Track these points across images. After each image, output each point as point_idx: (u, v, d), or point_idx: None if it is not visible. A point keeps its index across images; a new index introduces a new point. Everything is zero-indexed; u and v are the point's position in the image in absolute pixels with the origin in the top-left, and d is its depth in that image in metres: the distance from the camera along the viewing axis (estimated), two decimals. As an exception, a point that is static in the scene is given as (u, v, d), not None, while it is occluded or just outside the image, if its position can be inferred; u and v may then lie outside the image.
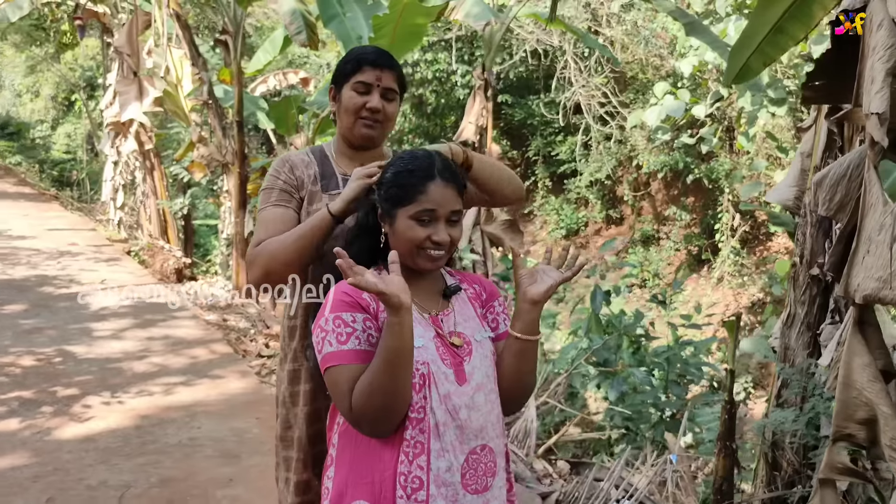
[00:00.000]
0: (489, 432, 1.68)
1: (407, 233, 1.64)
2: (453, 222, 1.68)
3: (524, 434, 4.78)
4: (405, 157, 1.72)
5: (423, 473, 1.59)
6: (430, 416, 1.60)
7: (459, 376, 1.65)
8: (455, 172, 1.71)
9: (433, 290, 1.76)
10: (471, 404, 1.64)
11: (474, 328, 1.75)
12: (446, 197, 1.65)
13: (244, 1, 8.23)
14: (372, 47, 2.12)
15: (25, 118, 24.77)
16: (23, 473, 3.93)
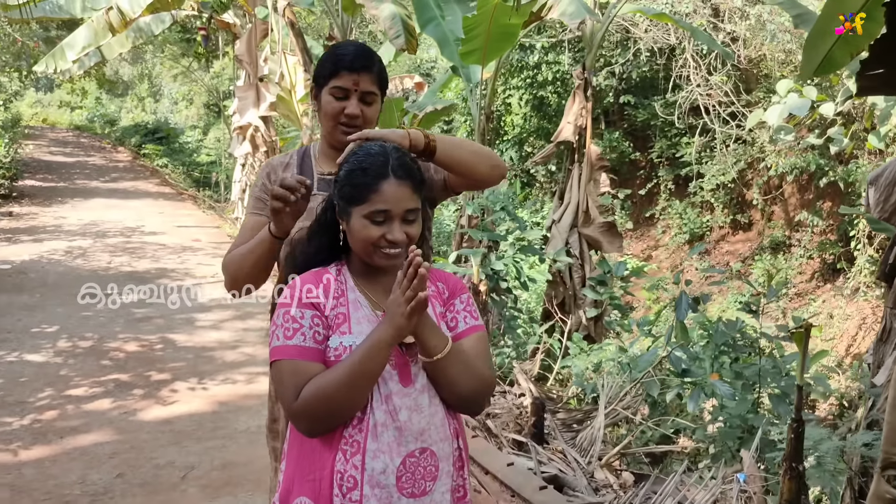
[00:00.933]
0: (432, 435, 1.65)
1: (361, 232, 1.63)
2: (409, 220, 1.65)
3: (589, 442, 4.64)
4: (359, 154, 1.69)
5: (357, 473, 1.58)
6: (369, 416, 1.60)
7: (404, 377, 1.63)
8: (410, 168, 1.67)
9: (393, 285, 1.75)
10: (413, 406, 1.62)
11: None
12: (400, 196, 1.63)
13: (350, 7, 8.49)
14: (352, 45, 2.08)
15: (180, 124, 26.78)
16: (103, 449, 4.24)
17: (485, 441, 4.28)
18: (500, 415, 4.78)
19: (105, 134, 23.49)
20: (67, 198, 13.56)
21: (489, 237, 7.18)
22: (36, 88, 34.60)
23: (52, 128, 26.30)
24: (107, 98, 30.71)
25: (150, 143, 19.33)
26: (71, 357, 5.80)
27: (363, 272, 1.72)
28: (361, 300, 1.68)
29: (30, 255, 9.12)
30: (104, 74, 24.07)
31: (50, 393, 5.07)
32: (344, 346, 1.61)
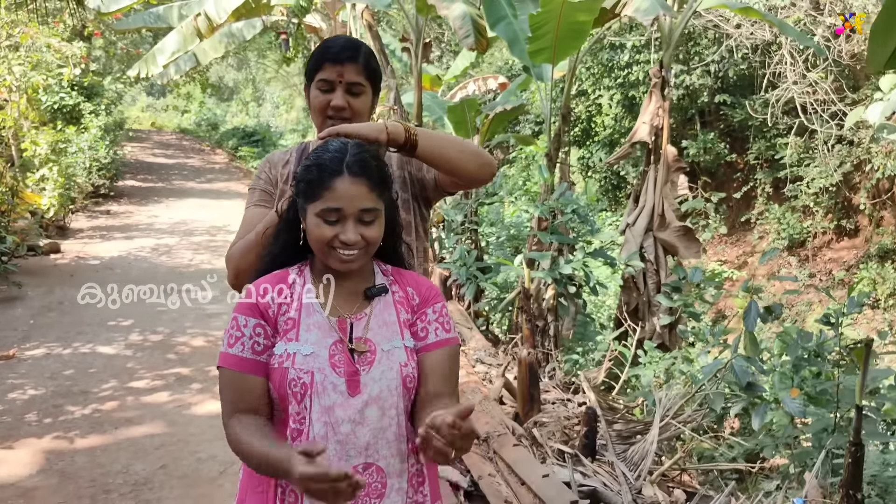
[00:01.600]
0: (381, 451, 1.55)
1: (315, 231, 1.56)
2: (367, 222, 1.56)
3: (640, 455, 4.41)
4: (319, 149, 1.62)
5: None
6: (308, 429, 1.52)
7: (352, 387, 1.54)
8: (368, 166, 1.57)
9: (358, 289, 1.64)
10: (357, 418, 1.53)
11: (386, 335, 1.61)
12: (354, 194, 1.54)
13: (424, 8, 8.47)
14: (340, 39, 2.04)
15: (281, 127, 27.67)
16: (152, 441, 4.35)
17: (525, 450, 4.12)
18: (548, 424, 4.62)
19: (206, 137, 24.52)
20: (163, 197, 14.19)
21: (558, 240, 7.01)
22: (148, 93, 36.60)
23: (158, 131, 27.69)
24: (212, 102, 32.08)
25: (246, 146, 20.02)
26: (140, 350, 6.02)
27: (323, 273, 1.64)
28: (315, 305, 1.60)
29: (119, 252, 9.56)
30: (207, 79, 25.15)
31: (113, 384, 5.26)
32: (289, 353, 1.54)
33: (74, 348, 6.02)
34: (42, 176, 9.91)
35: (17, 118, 9.80)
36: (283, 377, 1.52)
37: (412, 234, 2.17)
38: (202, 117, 27.40)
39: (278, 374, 1.53)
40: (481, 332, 7.89)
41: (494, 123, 8.23)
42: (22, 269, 8.03)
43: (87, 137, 11.57)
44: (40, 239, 9.30)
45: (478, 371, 6.40)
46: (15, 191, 8.77)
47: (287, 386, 1.51)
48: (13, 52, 9.63)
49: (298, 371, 1.51)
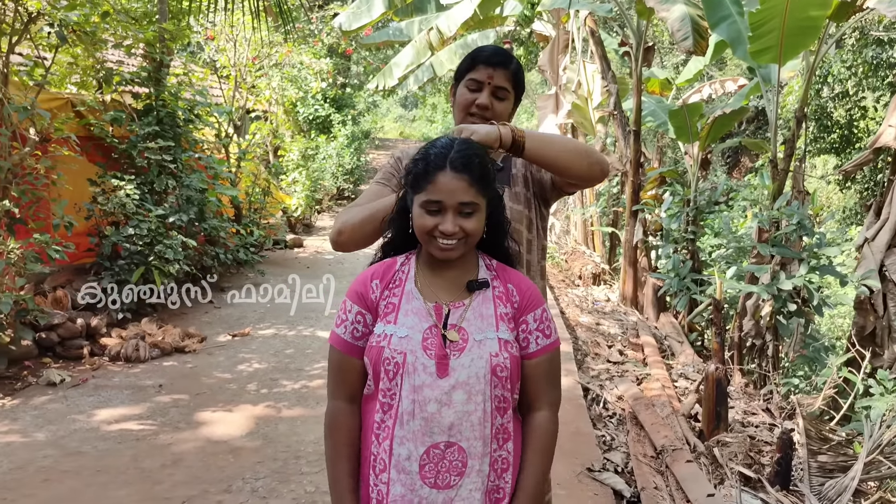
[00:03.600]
0: (464, 432, 1.64)
1: (418, 220, 1.69)
2: (466, 214, 1.66)
3: (837, 492, 3.99)
4: (429, 144, 1.75)
5: (386, 457, 1.66)
6: (398, 404, 1.65)
7: (441, 369, 1.64)
8: (470, 162, 1.67)
9: (460, 280, 1.75)
10: (444, 399, 1.63)
11: (481, 327, 1.70)
12: (454, 188, 1.65)
13: (645, 12, 8.29)
14: (492, 47, 2.15)
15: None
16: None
17: (696, 468, 3.92)
18: (731, 444, 4.33)
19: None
20: (399, 200, 15.21)
21: (779, 253, 6.51)
22: (402, 105, 39.28)
23: (404, 140, 29.57)
24: (457, 113, 33.59)
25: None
26: (352, 337, 6.56)
27: (427, 263, 1.76)
28: (415, 292, 1.72)
29: (350, 249, 10.44)
30: (451, 91, 26.44)
31: (323, 365, 5.80)
32: (386, 333, 1.67)
33: (298, 331, 6.72)
34: (293, 179, 11.12)
35: (275, 127, 11.10)
36: (378, 355, 1.66)
37: (533, 230, 2.23)
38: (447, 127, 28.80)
39: (375, 351, 1.66)
40: (694, 346, 7.54)
41: (715, 128, 7.81)
42: (268, 260, 9.09)
43: (335, 145, 12.75)
44: (287, 235, 10.45)
45: (677, 386, 6.14)
46: (267, 192, 9.96)
47: (381, 363, 1.65)
48: (274, 70, 10.95)
49: (393, 351, 1.64)
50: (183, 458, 4.13)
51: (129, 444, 4.30)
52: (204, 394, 5.18)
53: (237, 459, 4.13)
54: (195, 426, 4.61)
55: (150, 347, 5.92)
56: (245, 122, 10.00)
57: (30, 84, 5.89)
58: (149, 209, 6.66)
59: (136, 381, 5.39)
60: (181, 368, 5.72)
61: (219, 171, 8.04)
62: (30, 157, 5.67)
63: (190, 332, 6.38)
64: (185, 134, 7.49)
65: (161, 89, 7.24)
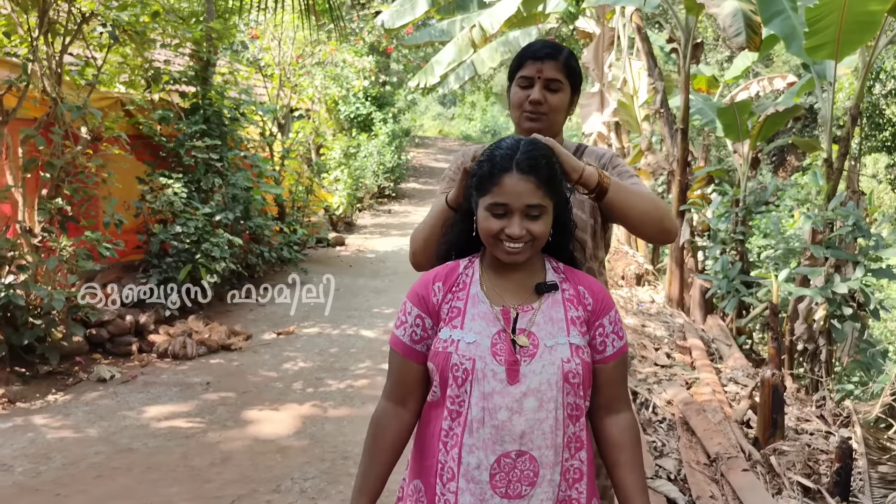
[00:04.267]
0: (535, 441, 1.58)
1: (483, 223, 1.64)
2: (533, 217, 1.61)
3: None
4: (494, 144, 1.70)
5: (454, 465, 1.60)
6: (467, 411, 1.60)
7: (511, 375, 1.59)
8: (537, 164, 1.62)
9: (527, 283, 1.70)
10: (515, 407, 1.58)
11: (552, 331, 1.64)
12: (521, 190, 1.60)
13: (694, 7, 8.12)
14: (541, 41, 2.10)
15: (559, 133, 28.07)
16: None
17: (754, 477, 3.80)
18: (789, 453, 4.20)
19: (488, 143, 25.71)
20: (439, 199, 15.18)
21: (833, 255, 6.32)
22: (441, 103, 39.30)
23: (443, 138, 29.59)
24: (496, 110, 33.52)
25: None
26: (395, 336, 6.53)
27: (492, 266, 1.71)
28: (481, 296, 1.67)
29: (392, 247, 10.45)
30: (491, 88, 26.36)
31: (367, 364, 5.79)
32: (453, 339, 1.61)
33: (342, 329, 6.73)
34: (335, 177, 11.15)
35: (318, 126, 11.15)
36: (446, 361, 1.60)
37: (597, 240, 2.17)
38: (486, 125, 28.78)
39: (441, 357, 1.61)
40: (743, 350, 7.36)
41: (767, 126, 7.61)
42: (311, 258, 9.13)
43: (376, 143, 12.77)
44: (329, 233, 10.49)
45: (727, 391, 5.99)
46: (310, 190, 10.01)
47: (449, 370, 1.59)
48: (317, 68, 11.00)
49: (461, 357, 1.58)
50: (231, 456, 4.14)
51: (178, 441, 4.33)
52: (250, 392, 5.20)
53: (285, 459, 4.13)
54: (243, 425, 4.62)
55: (197, 345, 5.97)
56: (289, 120, 10.07)
57: (81, 83, 5.98)
58: (196, 207, 6.72)
59: (184, 379, 5.43)
60: (227, 366, 5.75)
61: (263, 169, 8.09)
62: (82, 156, 5.75)
63: (235, 329, 6.42)
64: (231, 132, 7.55)
65: (208, 88, 7.31)
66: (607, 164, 2.16)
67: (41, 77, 5.42)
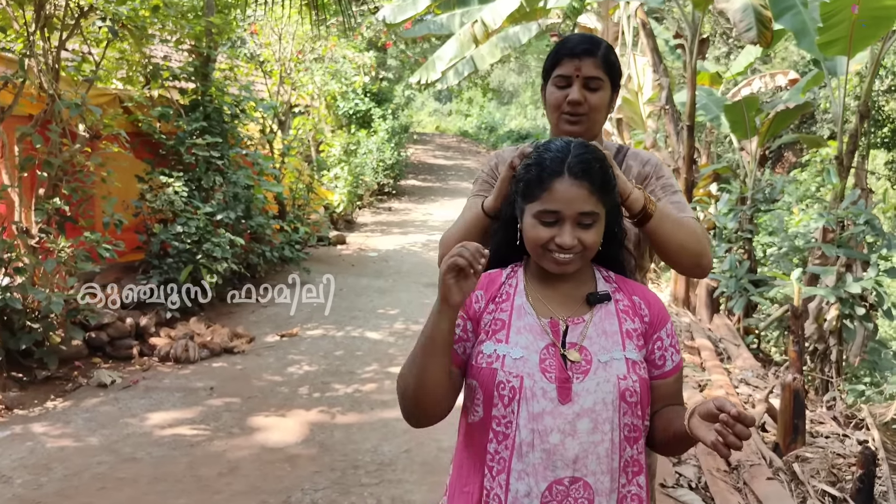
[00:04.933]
0: (590, 466, 1.45)
1: (530, 232, 1.51)
2: (585, 225, 1.49)
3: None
4: (541, 147, 1.57)
5: (501, 493, 1.47)
6: (515, 434, 1.46)
7: (563, 394, 1.45)
8: (590, 168, 1.49)
9: (576, 293, 1.57)
10: (568, 429, 1.44)
11: (606, 345, 1.51)
12: (574, 197, 1.47)
13: (701, 3, 8.00)
14: (577, 36, 1.95)
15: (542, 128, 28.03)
16: (400, 425, 4.56)
17: (780, 486, 3.69)
18: (812, 460, 4.09)
19: (483, 140, 25.59)
20: (439, 196, 15.06)
21: (846, 254, 6.22)
22: (436, 99, 39.13)
23: (441, 134, 29.44)
24: (493, 106, 33.39)
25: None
26: (401, 338, 6.41)
27: (538, 276, 1.58)
28: (527, 307, 1.54)
29: (394, 246, 10.32)
30: (488, 84, 26.24)
31: (374, 367, 5.66)
32: (498, 354, 1.48)
33: (346, 331, 6.59)
34: (335, 175, 11.00)
35: (317, 122, 10.99)
36: (491, 378, 1.47)
37: (640, 250, 2.05)
38: (482, 121, 28.63)
39: (487, 374, 1.48)
40: (751, 350, 7.26)
41: (776, 123, 7.51)
42: (312, 257, 8.99)
43: (376, 140, 12.62)
44: (330, 231, 10.35)
45: (740, 393, 5.89)
46: (311, 187, 9.86)
47: (495, 388, 1.46)
48: (317, 64, 10.84)
49: (507, 374, 1.46)
50: (239, 465, 4.01)
51: (183, 450, 4.19)
52: (256, 397, 5.06)
53: (294, 468, 4.00)
54: (249, 432, 4.49)
55: (199, 348, 5.83)
56: (288, 117, 9.92)
57: (79, 80, 5.82)
58: (197, 206, 6.57)
59: (187, 383, 5.30)
60: (231, 370, 5.62)
61: (264, 167, 7.95)
62: (80, 154, 5.60)
63: (238, 332, 6.29)
64: (232, 129, 7.40)
65: (208, 84, 7.15)
66: (651, 172, 2.03)
67: (38, 73, 5.27)
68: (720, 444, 1.30)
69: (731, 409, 1.31)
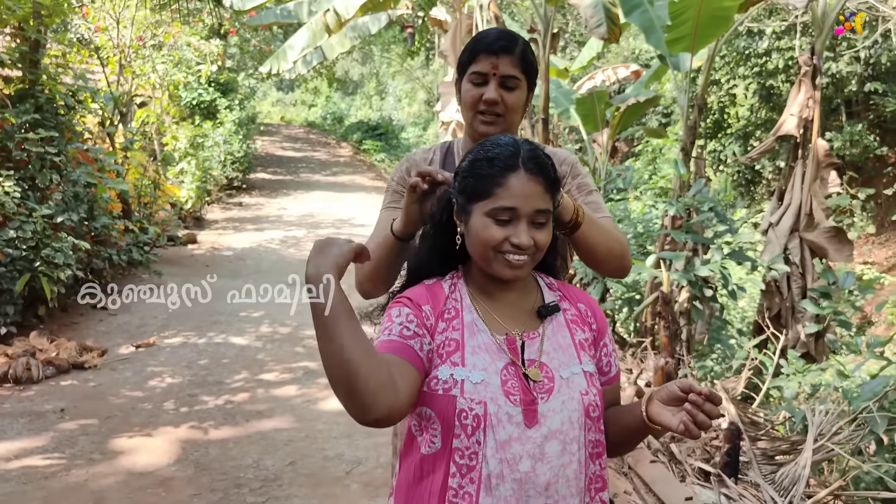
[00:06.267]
0: (560, 490, 1.36)
1: (482, 233, 1.38)
2: (539, 224, 1.39)
3: (791, 480, 4.04)
4: (486, 143, 1.45)
5: None
6: (481, 465, 1.34)
7: (529, 417, 1.35)
8: (543, 164, 1.41)
9: (523, 305, 1.47)
10: (537, 454, 1.34)
11: (563, 360, 1.43)
12: (530, 192, 1.37)
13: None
14: (495, 30, 1.87)
15: (402, 121, 28.01)
16: (280, 436, 4.38)
17: (664, 468, 3.85)
18: (687, 439, 4.30)
19: (331, 130, 25.16)
20: (291, 190, 14.60)
21: (694, 240, 6.61)
22: (278, 88, 37.99)
23: (287, 125, 28.62)
24: (338, 96, 32.87)
25: (370, 139, 20.33)
26: (269, 342, 6.13)
27: (482, 285, 1.47)
28: (479, 323, 1.42)
29: (250, 243, 9.87)
30: (334, 74, 25.75)
31: (245, 376, 5.37)
32: (456, 379, 1.35)
33: (209, 338, 6.21)
34: (182, 169, 10.35)
35: (160, 114, 10.29)
36: (450, 407, 1.34)
37: (566, 251, 2.01)
38: (328, 111, 28.11)
39: (444, 402, 1.35)
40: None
41: (626, 116, 7.86)
42: (162, 258, 8.41)
43: (223, 132, 12.03)
44: (179, 230, 9.74)
45: (604, 376, 6.13)
46: (157, 183, 9.22)
47: (456, 417, 1.34)
48: (157, 52, 10.13)
49: (469, 401, 1.33)
50: (105, 496, 3.65)
51: (37, 483, 3.76)
52: (115, 417, 4.64)
53: (169, 493, 3.70)
54: (112, 456, 4.10)
55: (42, 365, 5.27)
56: (131, 109, 9.19)
57: None
58: (32, 208, 5.92)
59: (33, 407, 4.76)
60: (83, 388, 5.12)
61: (106, 163, 7.31)
62: None
63: (87, 344, 5.75)
64: (68, 123, 6.73)
65: (38, 73, 6.46)
66: (568, 172, 1.99)
67: None
68: (690, 424, 1.28)
69: (699, 389, 1.29)
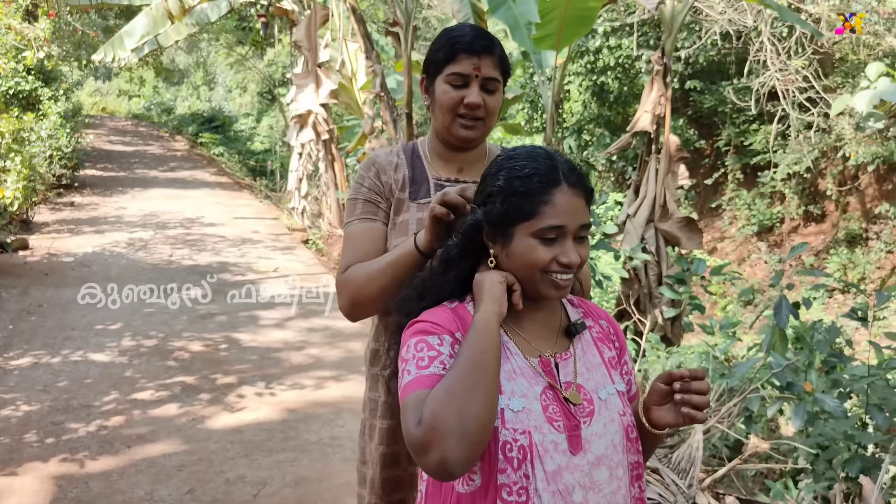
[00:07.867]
0: None
1: (528, 256, 1.29)
2: (581, 238, 1.32)
3: (687, 462, 4.27)
4: (518, 157, 1.34)
5: None
6: (532, 501, 1.24)
7: (573, 443, 1.27)
8: (582, 175, 1.34)
9: (551, 324, 1.39)
10: (587, 483, 1.27)
11: (598, 380, 1.36)
12: (575, 208, 1.30)
13: (415, -9, 8.17)
14: (468, 27, 1.77)
15: (234, 112, 26.86)
16: (171, 461, 4.03)
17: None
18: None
19: (162, 123, 23.68)
20: (127, 187, 13.59)
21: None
22: (95, 77, 35.20)
23: (110, 116, 26.65)
24: (163, 87, 30.98)
25: (207, 132, 19.35)
26: (136, 357, 5.64)
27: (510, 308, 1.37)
28: (510, 346, 1.33)
29: (92, 248, 9.06)
30: (161, 63, 24.22)
31: (115, 396, 4.90)
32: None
33: (64, 356, 5.61)
34: (3, 167, 9.28)
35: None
36: (491, 439, 1.23)
37: None
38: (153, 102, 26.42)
39: None
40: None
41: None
42: (-10, 268, 7.52)
43: (48, 125, 10.94)
44: (8, 235, 8.74)
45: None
46: (-21, 184, 8.20)
47: (500, 450, 1.24)
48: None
49: (512, 432, 1.24)
50: (-24, 551, 3.18)
51: None
52: (-33, 456, 4.07)
53: (53, 539, 3.29)
54: (-27, 503, 3.59)
55: None
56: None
57: None
58: None
59: None
60: (-80, 424, 4.45)
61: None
62: None
63: (-84, 373, 5.00)
64: None
65: None
66: None
67: None
68: (691, 410, 1.27)
69: (678, 374, 1.30)
